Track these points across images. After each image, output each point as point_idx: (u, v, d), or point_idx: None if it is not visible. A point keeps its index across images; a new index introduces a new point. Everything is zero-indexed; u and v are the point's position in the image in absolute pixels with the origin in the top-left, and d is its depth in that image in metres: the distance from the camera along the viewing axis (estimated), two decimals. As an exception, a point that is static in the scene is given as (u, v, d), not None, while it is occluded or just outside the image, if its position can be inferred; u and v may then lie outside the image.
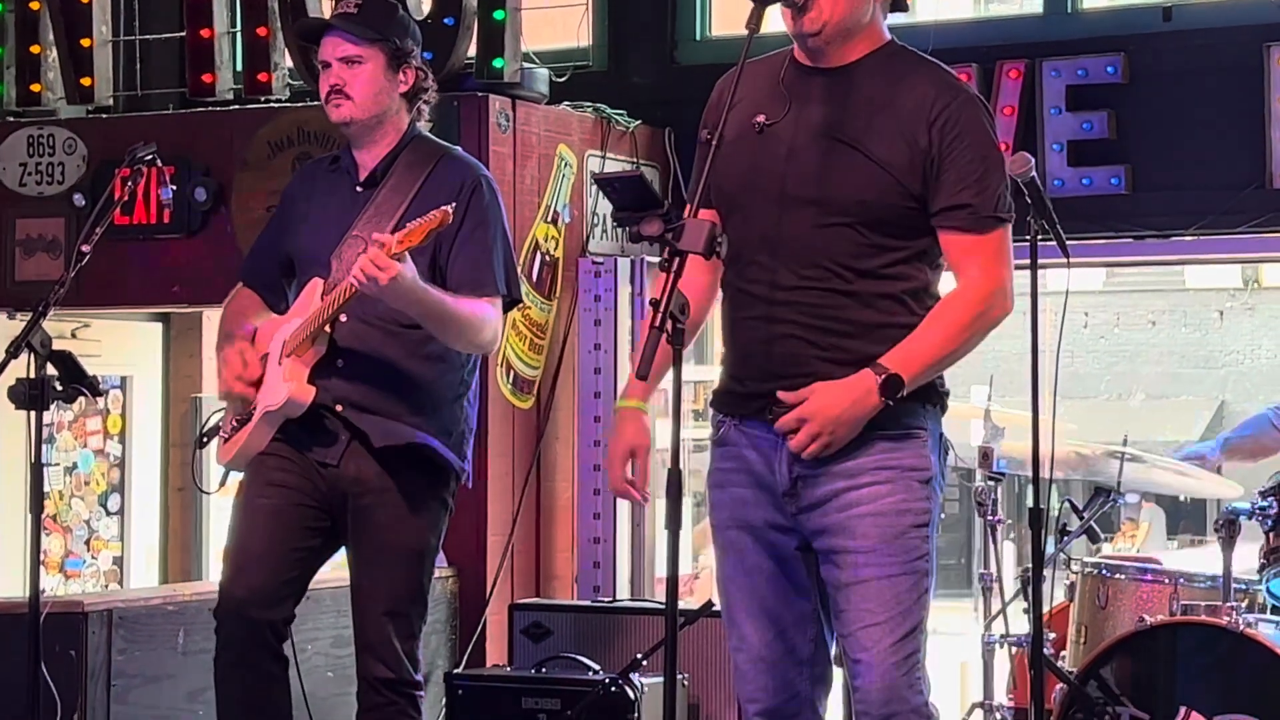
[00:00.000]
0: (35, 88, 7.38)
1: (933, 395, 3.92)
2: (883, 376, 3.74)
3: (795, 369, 3.84)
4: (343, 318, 4.74)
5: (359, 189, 4.92)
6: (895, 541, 3.81)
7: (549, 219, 6.81)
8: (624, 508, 6.77)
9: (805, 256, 3.85)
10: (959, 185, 3.81)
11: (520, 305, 5.31)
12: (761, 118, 3.88)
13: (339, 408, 4.81)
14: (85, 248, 4.82)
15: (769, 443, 3.88)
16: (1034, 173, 4.86)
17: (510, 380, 6.64)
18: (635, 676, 5.66)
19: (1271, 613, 5.55)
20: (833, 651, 4.02)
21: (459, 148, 5.16)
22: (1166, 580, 5.79)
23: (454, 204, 4.59)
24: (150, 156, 5.02)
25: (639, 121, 7.20)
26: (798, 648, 3.95)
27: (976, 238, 3.83)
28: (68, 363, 4.73)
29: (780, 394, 3.79)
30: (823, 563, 3.88)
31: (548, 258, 6.78)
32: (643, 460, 3.91)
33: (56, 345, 4.69)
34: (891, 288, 3.86)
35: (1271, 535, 5.53)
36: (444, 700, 5.92)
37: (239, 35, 7.18)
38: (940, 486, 3.94)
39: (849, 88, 3.85)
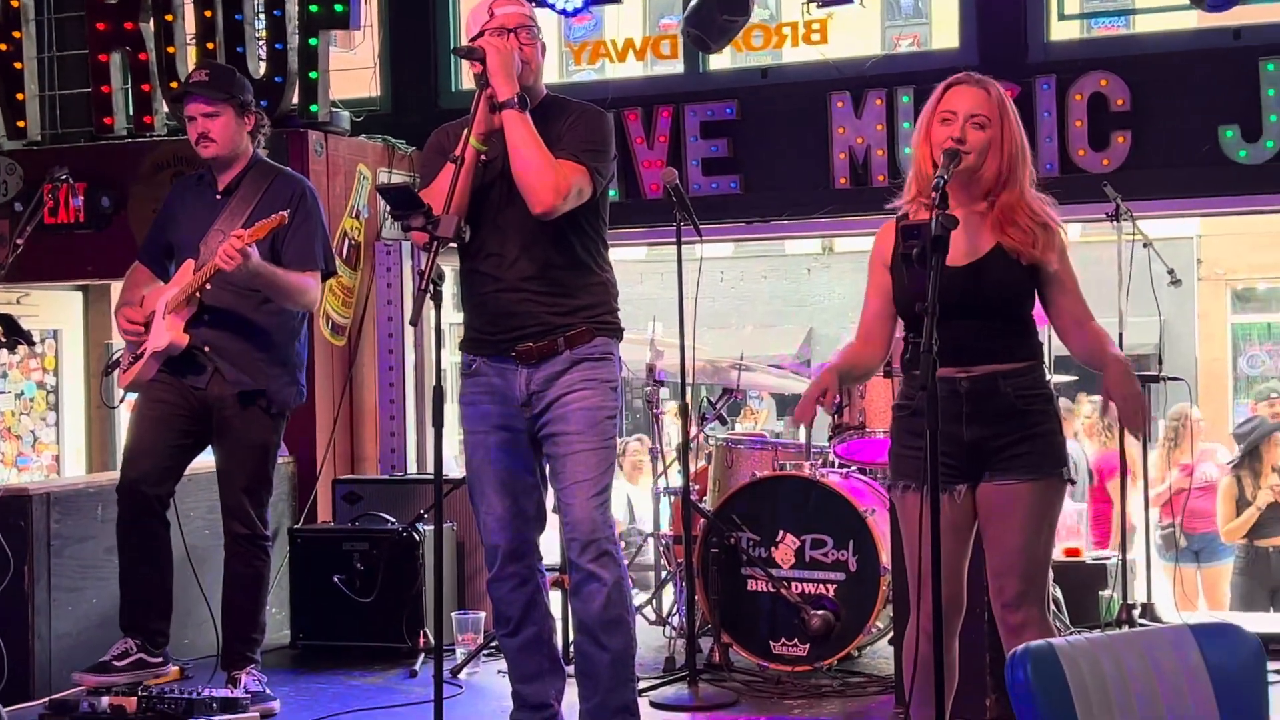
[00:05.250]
0: (-17, 129, 7.06)
1: (616, 332, 3.98)
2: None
3: (533, 322, 3.86)
4: (208, 286, 4.65)
5: (219, 197, 4.83)
6: (595, 427, 3.87)
7: (353, 215, 6.68)
8: (411, 410, 6.70)
9: (531, 247, 3.85)
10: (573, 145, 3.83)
11: (335, 275, 5.25)
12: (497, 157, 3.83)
13: (206, 348, 4.72)
14: (20, 240, 4.70)
15: (510, 370, 3.89)
16: (677, 181, 4.90)
17: (329, 326, 6.52)
18: (420, 525, 5.62)
19: (838, 467, 5.70)
20: (550, 505, 4.03)
21: (289, 167, 5.07)
22: (771, 448, 5.91)
23: (288, 210, 4.55)
24: (65, 176, 4.94)
25: (414, 148, 7.07)
26: (525, 508, 3.97)
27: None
28: (10, 322, 4.60)
29: None
30: (547, 445, 3.90)
31: (353, 242, 6.66)
32: None
33: (2, 310, 4.52)
34: (583, 253, 3.91)
35: (835, 417, 5.66)
36: (288, 548, 5.82)
37: (129, 90, 6.93)
38: (621, 390, 3.98)
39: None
